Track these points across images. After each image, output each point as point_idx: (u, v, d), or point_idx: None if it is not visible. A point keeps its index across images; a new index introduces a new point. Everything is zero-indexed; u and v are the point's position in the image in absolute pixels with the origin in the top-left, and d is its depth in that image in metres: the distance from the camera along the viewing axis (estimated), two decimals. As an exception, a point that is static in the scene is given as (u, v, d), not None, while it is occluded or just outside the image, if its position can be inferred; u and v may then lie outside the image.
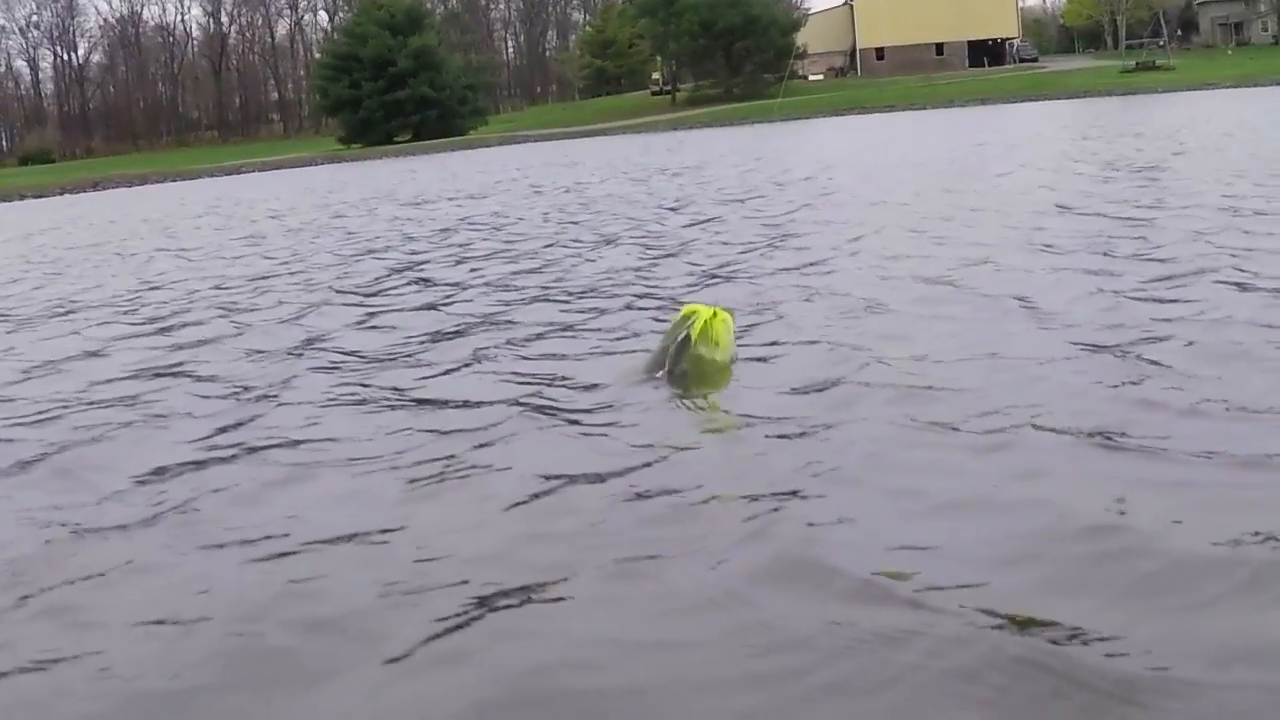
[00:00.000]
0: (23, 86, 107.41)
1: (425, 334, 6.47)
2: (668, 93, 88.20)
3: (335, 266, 10.69)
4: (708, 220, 11.64)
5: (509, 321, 6.65)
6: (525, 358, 5.52)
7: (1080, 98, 54.00)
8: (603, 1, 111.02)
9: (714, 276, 7.66)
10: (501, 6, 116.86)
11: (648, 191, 17.01)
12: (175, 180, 56.18)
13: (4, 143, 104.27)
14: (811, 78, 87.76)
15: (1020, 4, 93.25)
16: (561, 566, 2.84)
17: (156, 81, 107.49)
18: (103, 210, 30.70)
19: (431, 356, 5.80)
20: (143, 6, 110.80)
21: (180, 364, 6.26)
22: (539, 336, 6.05)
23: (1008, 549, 2.74)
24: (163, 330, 7.65)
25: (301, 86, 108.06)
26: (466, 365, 5.48)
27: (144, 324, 8.02)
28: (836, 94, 73.11)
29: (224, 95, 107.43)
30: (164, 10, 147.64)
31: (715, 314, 4.81)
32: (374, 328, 6.90)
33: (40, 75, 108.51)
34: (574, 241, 10.83)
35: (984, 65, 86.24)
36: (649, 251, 9.46)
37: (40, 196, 52.10)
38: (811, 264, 7.76)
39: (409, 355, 5.89)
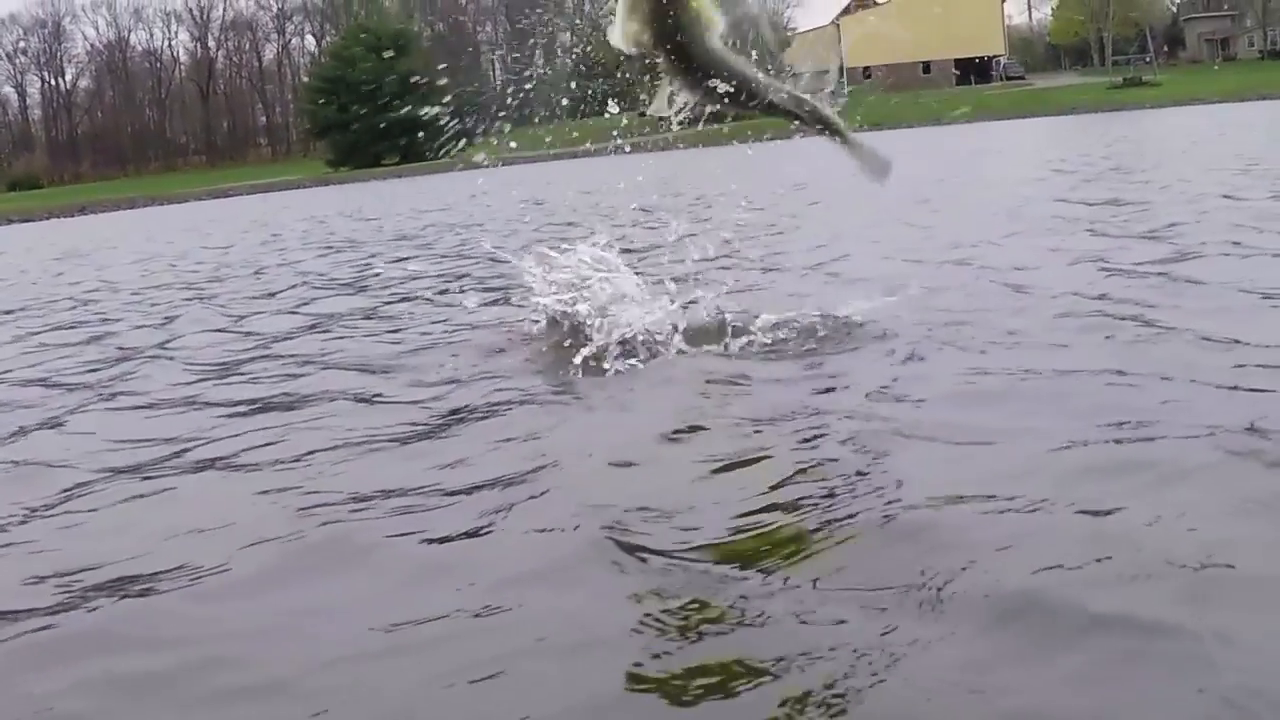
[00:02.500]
0: (10, 113, 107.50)
1: (285, 331, 6.27)
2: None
3: (246, 277, 10.49)
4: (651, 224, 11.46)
5: (378, 316, 6.45)
6: (370, 346, 5.29)
7: (1068, 114, 53.97)
8: (588, 23, 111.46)
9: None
10: (488, 28, 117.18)
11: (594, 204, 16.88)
12: (162, 204, 56.12)
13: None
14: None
15: (1007, 22, 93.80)
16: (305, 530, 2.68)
17: (144, 106, 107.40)
18: (76, 233, 30.76)
19: (284, 349, 5.60)
20: (130, 32, 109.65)
21: (39, 364, 6.09)
22: (395, 330, 5.83)
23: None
24: (36, 334, 7.49)
25: (289, 110, 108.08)
26: (307, 360, 5.24)
27: (29, 332, 7.84)
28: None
29: (212, 119, 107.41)
30: (151, 36, 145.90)
31: None
32: (239, 330, 6.67)
33: (28, 101, 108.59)
34: (478, 245, 10.67)
35: (971, 83, 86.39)
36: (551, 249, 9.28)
37: (27, 221, 52.00)
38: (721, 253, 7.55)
39: (258, 350, 5.68)
